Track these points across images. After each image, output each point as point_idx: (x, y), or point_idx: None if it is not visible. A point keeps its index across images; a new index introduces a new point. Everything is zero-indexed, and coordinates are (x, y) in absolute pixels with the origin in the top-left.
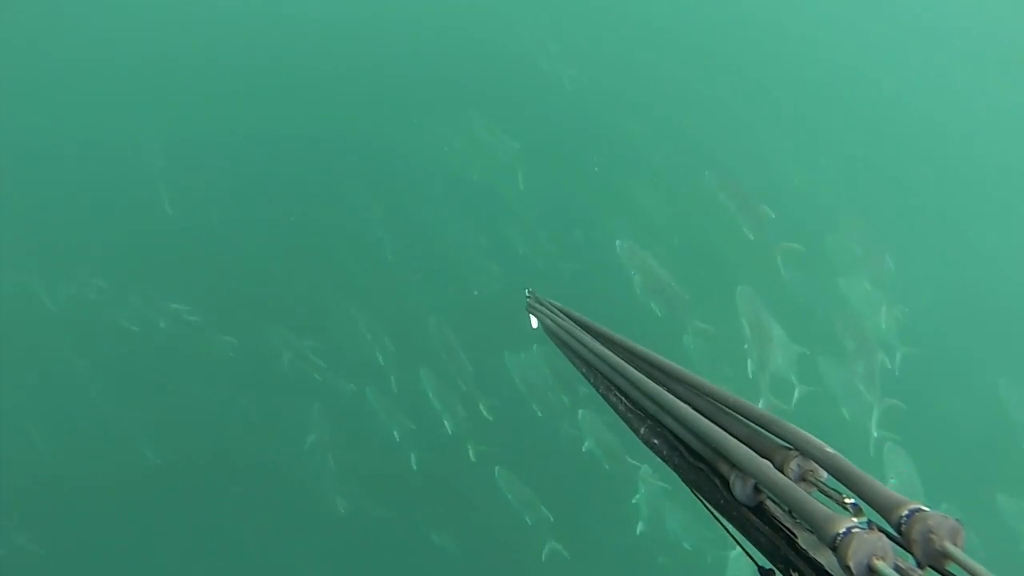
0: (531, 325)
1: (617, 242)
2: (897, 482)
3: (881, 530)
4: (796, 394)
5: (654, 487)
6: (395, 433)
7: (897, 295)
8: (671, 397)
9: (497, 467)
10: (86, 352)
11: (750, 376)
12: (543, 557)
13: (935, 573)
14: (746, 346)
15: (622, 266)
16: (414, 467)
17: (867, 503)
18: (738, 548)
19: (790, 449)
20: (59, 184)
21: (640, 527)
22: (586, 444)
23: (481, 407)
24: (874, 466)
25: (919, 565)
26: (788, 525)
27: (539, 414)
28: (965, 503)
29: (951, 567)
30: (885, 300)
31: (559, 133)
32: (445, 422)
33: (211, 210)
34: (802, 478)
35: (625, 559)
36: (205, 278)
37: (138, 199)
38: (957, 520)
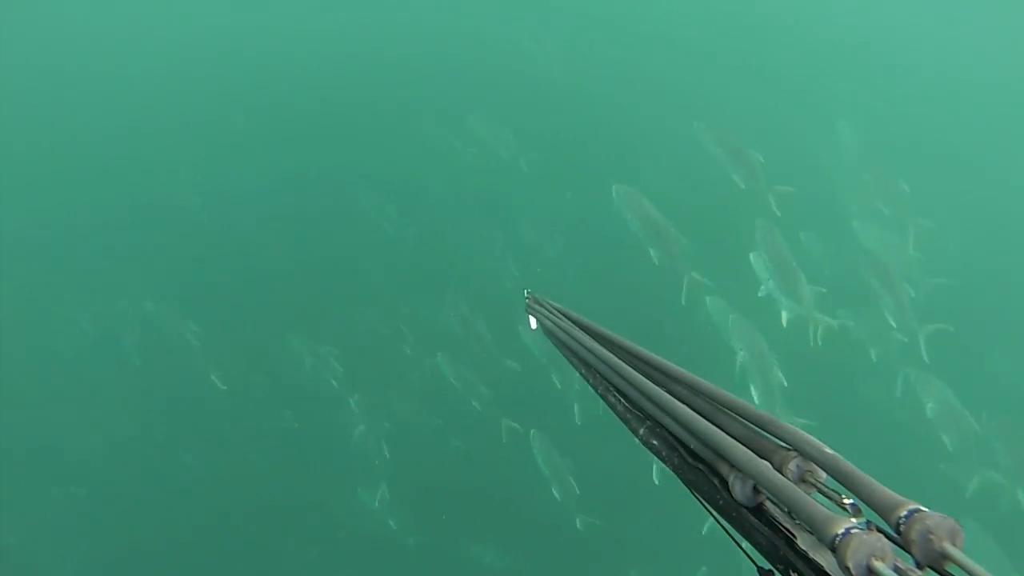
0: (530, 326)
1: (613, 188)
2: (934, 407)
3: (880, 531)
4: (820, 332)
5: None
6: (431, 424)
7: (917, 219)
8: (670, 398)
9: (533, 430)
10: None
11: (782, 320)
12: (578, 525)
13: (934, 574)
14: (763, 286)
15: (618, 212)
16: (453, 454)
17: (866, 504)
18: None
19: (789, 450)
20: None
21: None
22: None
23: (504, 385)
24: (910, 396)
25: (918, 566)
26: (787, 526)
27: (558, 385)
28: (1011, 429)
29: (950, 568)
30: (906, 225)
31: (551, 117)
32: (474, 403)
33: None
34: (801, 479)
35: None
36: (211, 290)
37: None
38: (956, 520)
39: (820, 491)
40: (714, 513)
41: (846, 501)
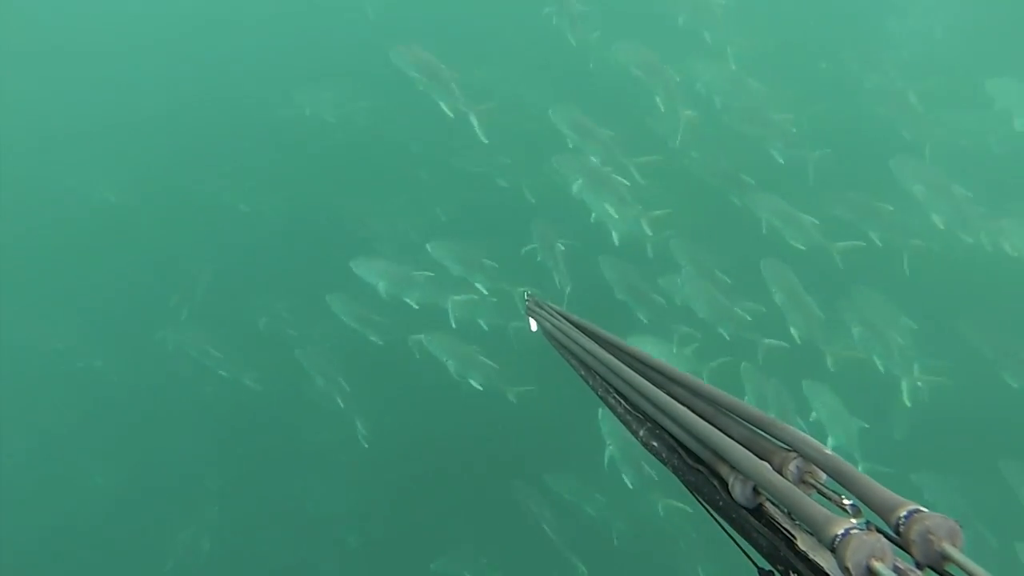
0: (530, 328)
1: (390, 52)
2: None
3: (880, 531)
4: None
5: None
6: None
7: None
8: (669, 399)
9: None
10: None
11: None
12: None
13: (934, 574)
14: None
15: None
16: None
17: (866, 504)
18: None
19: (789, 451)
20: None
21: None
22: None
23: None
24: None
25: (918, 566)
26: (787, 527)
27: None
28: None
29: (950, 568)
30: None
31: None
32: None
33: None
34: (801, 480)
35: None
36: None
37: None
38: (956, 521)
39: (820, 492)
40: (714, 514)
41: (846, 502)
